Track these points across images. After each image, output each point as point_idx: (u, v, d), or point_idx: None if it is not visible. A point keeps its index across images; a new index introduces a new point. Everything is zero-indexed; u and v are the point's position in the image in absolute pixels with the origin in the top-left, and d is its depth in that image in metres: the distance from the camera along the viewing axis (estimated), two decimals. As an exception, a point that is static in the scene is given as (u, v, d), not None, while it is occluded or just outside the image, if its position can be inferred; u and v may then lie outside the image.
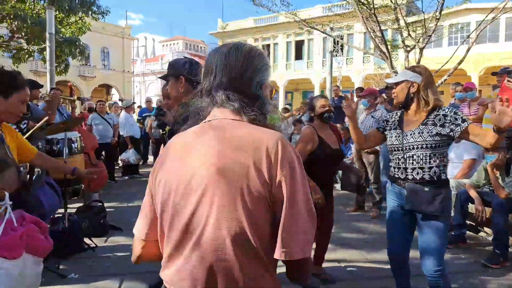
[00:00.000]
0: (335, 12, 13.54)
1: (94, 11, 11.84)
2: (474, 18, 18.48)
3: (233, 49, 1.06)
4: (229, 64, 1.04)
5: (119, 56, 34.82)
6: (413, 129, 2.24)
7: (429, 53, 17.67)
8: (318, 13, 25.74)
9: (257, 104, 1.03)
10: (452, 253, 3.84)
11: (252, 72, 1.04)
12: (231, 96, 1.02)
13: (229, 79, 1.03)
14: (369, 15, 8.10)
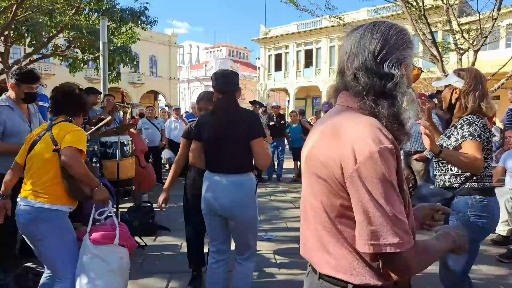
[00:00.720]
0: (381, 15, 13.16)
1: (143, 21, 12.43)
2: (536, 17, 17.15)
3: (369, 27, 1.01)
4: (362, 43, 1.00)
5: (166, 64, 36.34)
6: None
7: (484, 55, 16.62)
8: (363, 16, 25.16)
9: (390, 83, 0.97)
10: (510, 268, 3.59)
11: (389, 49, 0.98)
12: (359, 75, 0.99)
13: (361, 58, 0.99)
14: (418, 17, 7.78)
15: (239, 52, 55.14)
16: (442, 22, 9.35)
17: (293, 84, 32.49)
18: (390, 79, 0.97)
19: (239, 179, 2.28)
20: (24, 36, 10.87)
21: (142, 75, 33.62)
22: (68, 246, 2.15)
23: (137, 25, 12.26)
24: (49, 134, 2.15)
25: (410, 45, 1.01)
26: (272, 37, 32.87)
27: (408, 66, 1.01)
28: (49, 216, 2.08)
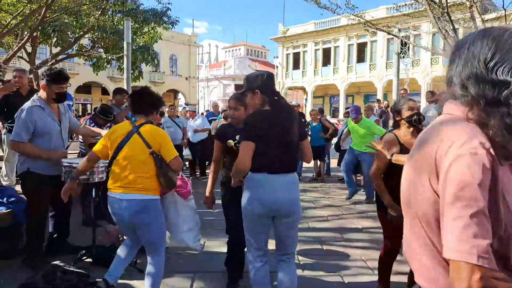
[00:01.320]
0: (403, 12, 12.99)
1: (165, 21, 12.68)
2: None
3: (480, 33, 0.97)
4: (472, 51, 0.95)
5: (186, 63, 36.91)
6: None
7: (508, 52, 15.95)
8: (382, 14, 24.90)
9: (506, 91, 0.89)
10: None
11: (502, 55, 0.91)
12: (469, 85, 0.94)
13: (471, 66, 0.94)
14: (441, 14, 7.69)
15: (257, 51, 55.32)
16: (464, 19, 9.19)
17: (311, 83, 32.37)
18: (506, 86, 0.89)
19: (294, 177, 2.38)
20: (50, 36, 11.25)
21: (163, 74, 34.24)
22: (163, 226, 2.63)
23: (159, 25, 12.51)
24: (139, 137, 2.46)
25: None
26: (290, 36, 32.83)
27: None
28: (154, 205, 2.51)
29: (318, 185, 7.72)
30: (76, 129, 3.69)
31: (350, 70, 30.18)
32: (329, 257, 3.74)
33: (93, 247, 3.35)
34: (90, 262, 3.31)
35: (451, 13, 7.72)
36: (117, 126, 2.64)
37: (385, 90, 27.28)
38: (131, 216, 2.44)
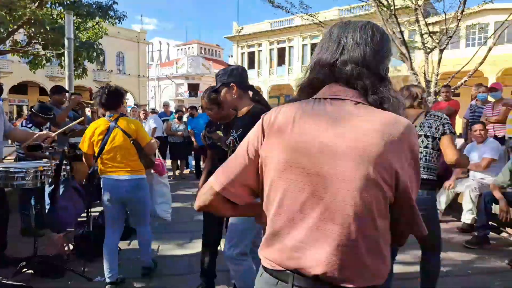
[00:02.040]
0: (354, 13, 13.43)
1: (111, 15, 12.00)
2: (493, 19, 18.11)
3: (369, 25, 1.02)
4: (364, 39, 0.99)
5: (134, 61, 35.36)
6: None
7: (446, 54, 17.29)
8: (335, 15, 25.59)
9: (386, 86, 0.99)
10: (477, 254, 3.82)
11: (385, 52, 1.01)
12: (362, 72, 0.97)
13: (362, 54, 0.97)
14: (389, 16, 7.98)
15: (211, 49, 54.59)
16: (410, 22, 9.65)
17: (266, 82, 32.63)
18: (385, 81, 0.99)
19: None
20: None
21: (109, 73, 32.54)
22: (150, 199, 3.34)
23: (104, 20, 11.81)
24: (119, 129, 2.94)
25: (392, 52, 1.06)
26: (245, 35, 32.83)
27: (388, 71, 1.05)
28: (144, 182, 3.08)
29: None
30: (10, 133, 3.37)
31: (305, 70, 30.71)
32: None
33: (35, 257, 3.12)
34: (32, 274, 3.11)
35: (398, 16, 8.03)
36: (95, 124, 3.01)
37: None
38: (128, 193, 2.94)
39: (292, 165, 0.94)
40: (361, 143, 0.89)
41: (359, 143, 0.89)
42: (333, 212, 0.90)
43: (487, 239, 4.04)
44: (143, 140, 3.01)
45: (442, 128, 2.27)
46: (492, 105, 5.84)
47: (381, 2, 8.04)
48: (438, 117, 2.31)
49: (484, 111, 5.92)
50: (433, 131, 2.28)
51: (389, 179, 0.90)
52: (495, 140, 4.97)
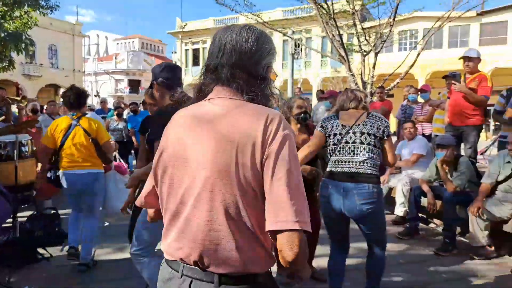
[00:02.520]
0: (296, 15, 13.80)
1: (41, 5, 11.09)
2: (422, 26, 19.70)
3: (245, 29, 1.08)
4: (239, 43, 1.05)
5: (69, 54, 32.94)
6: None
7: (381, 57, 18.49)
8: (278, 16, 26.06)
9: (262, 85, 1.06)
10: (407, 244, 4.11)
11: (262, 53, 1.07)
12: (237, 74, 1.04)
13: (238, 57, 1.04)
14: (328, 19, 8.33)
15: (153, 45, 52.77)
16: (348, 25, 10.15)
17: (210, 80, 32.29)
18: (263, 80, 1.06)
19: None
20: None
21: (40, 66, 30.06)
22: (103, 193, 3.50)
23: (34, 9, 10.88)
24: (80, 127, 3.20)
25: (274, 51, 1.12)
26: (189, 31, 32.20)
27: (271, 70, 1.12)
28: (101, 176, 3.33)
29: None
30: None
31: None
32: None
33: None
34: None
35: (337, 19, 8.41)
36: (58, 121, 3.29)
37: (281, 89, 28.69)
38: (85, 186, 3.18)
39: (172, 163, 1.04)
40: (222, 135, 0.97)
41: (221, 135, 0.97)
42: (202, 203, 0.98)
43: (417, 230, 4.38)
44: (101, 139, 3.28)
45: (384, 130, 2.44)
46: (421, 105, 6.35)
47: (321, 5, 8.35)
48: (379, 118, 2.49)
49: (414, 111, 6.41)
50: (375, 130, 2.42)
51: (251, 168, 0.94)
52: (423, 138, 5.41)
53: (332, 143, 2.48)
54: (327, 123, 2.54)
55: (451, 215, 3.89)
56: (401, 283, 3.18)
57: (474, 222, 3.66)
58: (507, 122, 4.65)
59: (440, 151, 4.13)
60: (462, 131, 4.64)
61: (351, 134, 2.42)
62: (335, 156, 2.45)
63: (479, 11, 21.93)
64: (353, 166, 2.36)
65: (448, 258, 3.68)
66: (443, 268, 3.46)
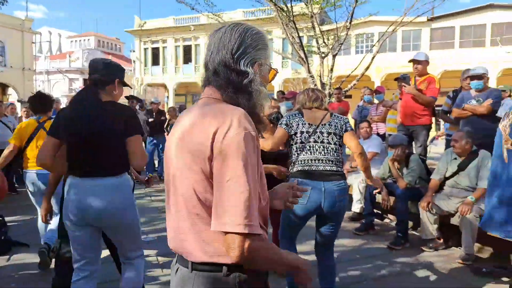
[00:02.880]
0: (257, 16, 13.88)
1: (-14, -2, 10.34)
2: (377, 30, 20.54)
3: (229, 27, 1.10)
4: (223, 40, 1.08)
5: (18, 52, 30.91)
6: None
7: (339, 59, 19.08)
8: (239, 16, 26.12)
9: (246, 80, 1.07)
10: (363, 239, 4.27)
11: (246, 49, 1.08)
12: (220, 71, 1.07)
13: (222, 55, 1.07)
14: (288, 21, 8.46)
15: (110, 43, 50.91)
16: (307, 28, 10.37)
17: (172, 80, 31.73)
18: (245, 76, 1.07)
19: (112, 181, 2.02)
20: None
21: (-15, 63, 27.97)
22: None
23: (-24, 2, 10.12)
24: (44, 131, 3.24)
25: (264, 46, 1.13)
26: (148, 29, 31.40)
27: (262, 65, 1.12)
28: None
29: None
30: None
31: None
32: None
33: None
34: None
35: (297, 22, 8.56)
36: (25, 123, 3.52)
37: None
38: (46, 185, 3.06)
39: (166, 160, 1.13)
40: (182, 134, 1.04)
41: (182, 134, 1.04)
42: (171, 197, 1.08)
43: (372, 226, 4.55)
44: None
45: (344, 127, 2.53)
46: (376, 106, 6.62)
47: (280, 8, 8.47)
48: (340, 117, 2.59)
49: (369, 111, 6.67)
50: (338, 129, 2.51)
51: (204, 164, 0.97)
52: (378, 137, 5.64)
53: (300, 141, 2.49)
54: (292, 121, 2.53)
55: (403, 210, 4.08)
56: (356, 277, 3.29)
57: (424, 216, 3.87)
58: (453, 121, 4.97)
59: (391, 150, 4.34)
60: (413, 130, 4.89)
61: (319, 133, 2.46)
62: (305, 155, 2.45)
63: (429, 17, 23.25)
64: (327, 165, 2.42)
65: (401, 251, 3.86)
66: (396, 261, 3.63)
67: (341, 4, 8.89)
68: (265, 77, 1.16)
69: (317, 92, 2.68)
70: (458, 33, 24.65)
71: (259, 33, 1.12)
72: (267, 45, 1.14)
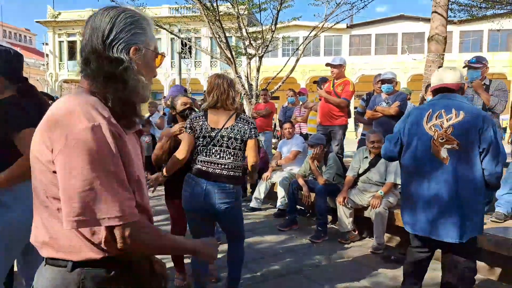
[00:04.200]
0: (183, 14, 13.60)
1: None
2: (302, 34, 21.50)
3: (101, 11, 1.01)
4: (94, 27, 0.99)
5: None
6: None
7: (267, 62, 19.58)
8: (165, 13, 25.37)
9: (120, 68, 0.98)
10: (287, 234, 4.43)
11: (117, 34, 0.99)
12: (90, 60, 0.99)
13: (92, 42, 0.99)
14: (215, 20, 8.43)
15: (19, 34, 45.90)
16: (234, 28, 10.45)
17: (91, 76, 29.70)
18: (119, 63, 0.99)
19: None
20: None
21: None
22: None
23: None
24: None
25: (142, 30, 1.03)
26: (64, 21, 28.94)
27: (140, 50, 1.02)
28: None
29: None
30: None
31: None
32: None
33: None
34: None
35: (223, 22, 8.57)
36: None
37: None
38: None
39: None
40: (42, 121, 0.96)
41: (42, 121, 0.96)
42: (33, 183, 1.01)
43: (295, 221, 4.74)
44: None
45: (249, 133, 2.51)
46: (299, 107, 6.92)
47: (206, 6, 8.41)
48: (247, 121, 2.54)
49: (293, 112, 6.94)
50: (242, 134, 2.49)
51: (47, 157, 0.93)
52: (300, 136, 5.90)
53: (202, 144, 2.49)
54: (196, 124, 2.51)
55: (322, 206, 4.33)
56: (278, 271, 3.40)
57: (341, 211, 4.14)
58: (366, 122, 5.39)
59: (310, 148, 4.58)
60: (331, 130, 5.20)
61: (219, 137, 2.46)
62: (202, 157, 2.48)
63: (348, 24, 25.00)
64: (217, 168, 2.45)
65: (320, 244, 4.09)
66: (316, 254, 3.82)
67: (267, 7, 9.12)
68: (149, 63, 1.07)
69: (230, 90, 2.51)
70: (374, 41, 26.93)
71: (134, 16, 1.03)
72: (146, 28, 1.05)
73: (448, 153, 2.22)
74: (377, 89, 5.31)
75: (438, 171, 2.25)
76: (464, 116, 2.20)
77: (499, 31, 19.90)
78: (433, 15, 5.70)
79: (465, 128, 2.20)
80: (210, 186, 2.42)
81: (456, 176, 2.20)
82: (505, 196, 3.54)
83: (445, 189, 2.23)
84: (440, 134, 2.23)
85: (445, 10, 5.62)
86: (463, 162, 2.20)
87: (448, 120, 2.23)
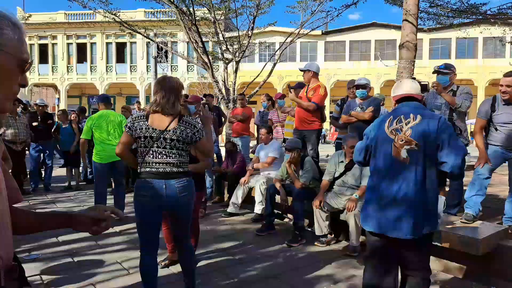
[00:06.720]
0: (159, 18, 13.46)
1: None
2: (278, 40, 21.73)
3: None
4: None
5: None
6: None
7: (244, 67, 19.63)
8: (141, 16, 25.06)
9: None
10: (265, 239, 4.44)
11: None
12: None
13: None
14: (191, 25, 8.39)
15: (-14, 35, 43.96)
16: (211, 33, 10.45)
17: (64, 80, 28.85)
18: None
19: None
20: None
21: None
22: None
23: None
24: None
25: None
26: (35, 23, 28.07)
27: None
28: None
29: (72, 194, 6.90)
30: None
31: (110, 70, 28.86)
32: (82, 268, 3.53)
33: None
34: None
35: (200, 27, 8.55)
36: None
37: (147, 93, 27.63)
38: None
39: None
40: None
41: None
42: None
43: (273, 225, 4.75)
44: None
45: (193, 136, 2.56)
46: (276, 111, 6.96)
47: (182, 10, 8.37)
48: (190, 124, 2.56)
49: (270, 117, 6.98)
50: (184, 136, 2.54)
51: None
52: (277, 141, 5.94)
53: (143, 145, 2.53)
54: (136, 125, 2.54)
55: (299, 210, 4.36)
56: (256, 275, 3.40)
57: (317, 214, 4.19)
58: (341, 126, 5.50)
59: (287, 153, 4.61)
60: (305, 134, 5.26)
61: (162, 139, 2.50)
62: (149, 158, 2.53)
63: (323, 31, 25.46)
64: (167, 167, 2.53)
65: (298, 248, 4.12)
66: (293, 257, 3.85)
67: (243, 12, 9.16)
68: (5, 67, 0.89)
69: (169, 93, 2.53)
70: (348, 47, 27.55)
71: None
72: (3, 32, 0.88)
73: (409, 154, 2.32)
74: (351, 94, 5.41)
75: (399, 172, 2.36)
76: (421, 119, 2.33)
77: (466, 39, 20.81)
78: (403, 23, 5.90)
79: (422, 129, 2.31)
80: (168, 183, 2.51)
81: (415, 175, 2.30)
82: (473, 197, 3.69)
83: (404, 188, 2.33)
84: (400, 136, 2.34)
85: (415, 18, 5.82)
86: (422, 162, 2.31)
87: (407, 124, 2.35)
